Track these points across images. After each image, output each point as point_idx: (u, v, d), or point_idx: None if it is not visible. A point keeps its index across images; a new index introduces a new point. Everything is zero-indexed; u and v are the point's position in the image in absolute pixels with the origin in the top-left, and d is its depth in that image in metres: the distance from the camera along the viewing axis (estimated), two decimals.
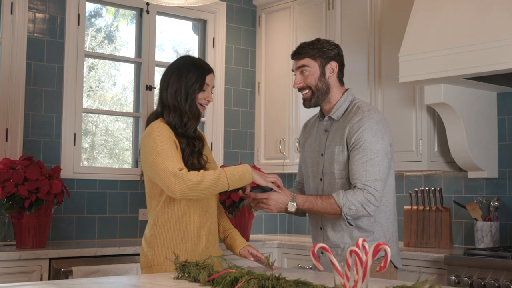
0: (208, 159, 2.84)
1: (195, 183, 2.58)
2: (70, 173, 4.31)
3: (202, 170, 2.65)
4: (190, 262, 2.34)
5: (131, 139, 4.91)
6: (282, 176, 5.26)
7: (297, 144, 4.68)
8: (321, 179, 2.88)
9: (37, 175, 3.66)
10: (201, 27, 5.17)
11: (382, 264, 1.67)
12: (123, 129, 4.99)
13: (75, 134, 4.36)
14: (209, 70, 2.86)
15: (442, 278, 3.50)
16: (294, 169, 4.71)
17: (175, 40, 5.18)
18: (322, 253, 2.83)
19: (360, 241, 1.73)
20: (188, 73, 2.80)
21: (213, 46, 5.10)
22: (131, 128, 4.92)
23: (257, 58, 5.28)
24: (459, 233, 4.19)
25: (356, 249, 1.62)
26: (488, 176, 3.97)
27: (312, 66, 2.86)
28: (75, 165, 4.35)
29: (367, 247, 1.72)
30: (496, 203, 3.88)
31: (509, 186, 3.97)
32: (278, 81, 5.05)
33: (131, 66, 4.87)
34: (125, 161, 4.93)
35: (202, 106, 2.85)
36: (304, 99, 2.91)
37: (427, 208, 4.11)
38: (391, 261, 2.81)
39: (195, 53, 5.15)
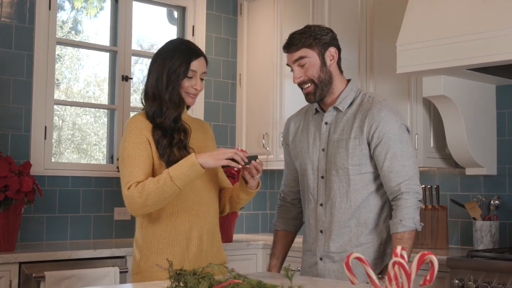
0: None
1: (143, 201, 2.38)
2: (40, 169, 3.99)
3: (144, 183, 2.39)
4: (186, 270, 2.07)
5: (101, 133, 4.60)
6: (265, 172, 5.01)
7: (281, 145, 4.38)
8: (322, 177, 2.62)
9: (6, 172, 3.38)
10: (180, 14, 4.88)
11: (428, 278, 1.43)
12: (91, 123, 4.67)
13: (45, 127, 4.04)
14: (197, 54, 2.57)
15: (443, 282, 3.30)
16: (278, 165, 4.45)
17: (139, 34, 4.84)
18: (321, 259, 2.60)
19: (399, 249, 1.49)
20: (172, 58, 2.52)
21: (193, 35, 4.81)
22: (101, 122, 4.61)
23: (238, 48, 5.00)
24: (455, 233, 3.99)
25: (401, 260, 1.37)
26: (487, 173, 3.77)
27: (311, 56, 2.60)
28: (46, 160, 4.04)
29: (405, 256, 1.50)
30: (497, 202, 3.69)
31: (509, 183, 3.78)
32: (261, 73, 4.79)
33: (100, 57, 4.55)
34: (93, 156, 4.62)
35: (190, 95, 2.57)
36: (307, 94, 2.63)
37: (423, 206, 3.90)
38: None
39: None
